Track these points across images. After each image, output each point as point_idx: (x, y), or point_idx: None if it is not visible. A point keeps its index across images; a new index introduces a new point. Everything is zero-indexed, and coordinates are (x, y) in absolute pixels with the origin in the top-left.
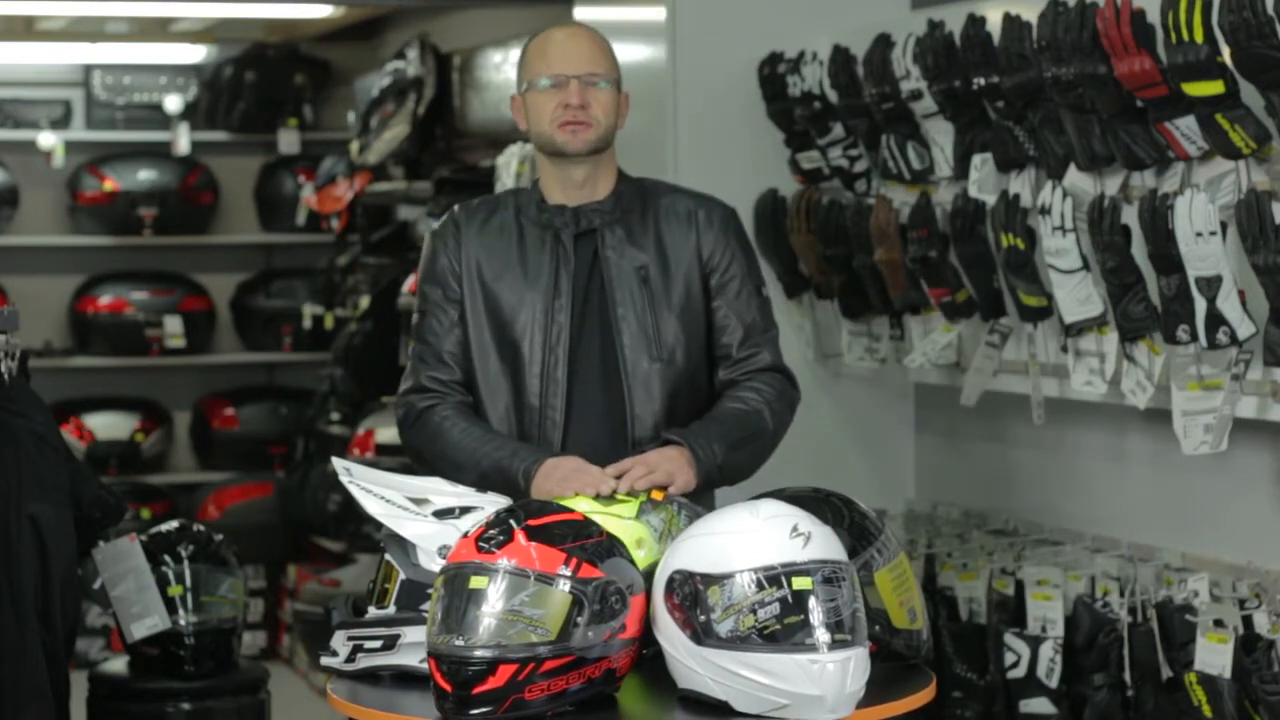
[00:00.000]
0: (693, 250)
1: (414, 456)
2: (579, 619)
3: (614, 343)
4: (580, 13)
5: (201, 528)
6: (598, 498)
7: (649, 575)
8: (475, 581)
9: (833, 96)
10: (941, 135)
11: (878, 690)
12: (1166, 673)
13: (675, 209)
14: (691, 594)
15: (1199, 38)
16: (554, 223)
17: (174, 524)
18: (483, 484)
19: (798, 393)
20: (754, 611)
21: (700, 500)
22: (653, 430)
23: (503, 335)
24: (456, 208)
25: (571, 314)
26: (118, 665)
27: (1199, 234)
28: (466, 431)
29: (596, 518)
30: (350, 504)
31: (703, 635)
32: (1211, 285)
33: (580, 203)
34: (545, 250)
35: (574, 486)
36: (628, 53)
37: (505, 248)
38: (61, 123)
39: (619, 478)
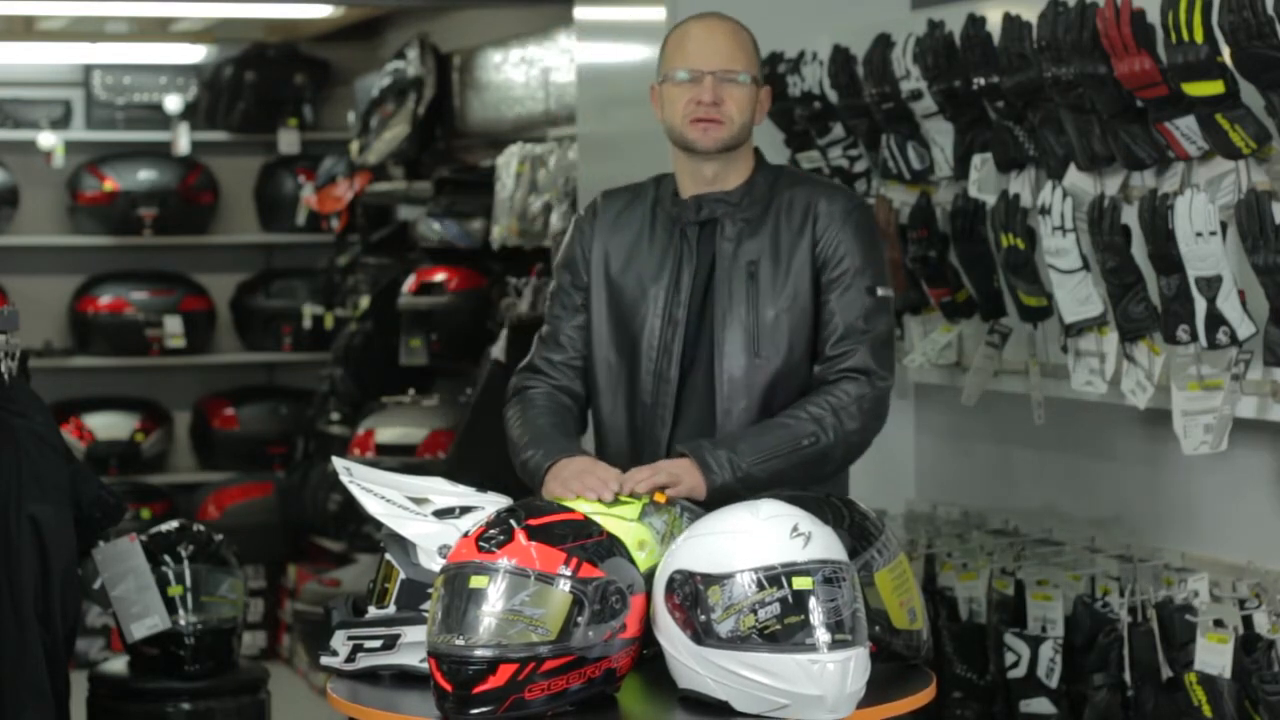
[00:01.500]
0: (807, 245)
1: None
2: (579, 619)
3: (715, 338)
4: (580, 12)
5: (201, 528)
6: (599, 499)
7: (650, 577)
8: (475, 581)
9: (833, 96)
10: (941, 135)
11: (878, 690)
12: (1166, 673)
13: (796, 201)
14: (692, 594)
15: (1199, 38)
16: (682, 216)
17: (174, 524)
18: (522, 474)
19: (884, 386)
20: (754, 611)
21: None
22: (746, 427)
23: (623, 328)
24: (601, 194)
25: (689, 312)
26: (118, 665)
27: (1199, 234)
28: (529, 422)
29: (599, 519)
30: (350, 504)
31: (703, 635)
32: (1211, 285)
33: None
34: (671, 245)
35: (575, 489)
36: (628, 53)
37: (635, 239)
38: (61, 123)
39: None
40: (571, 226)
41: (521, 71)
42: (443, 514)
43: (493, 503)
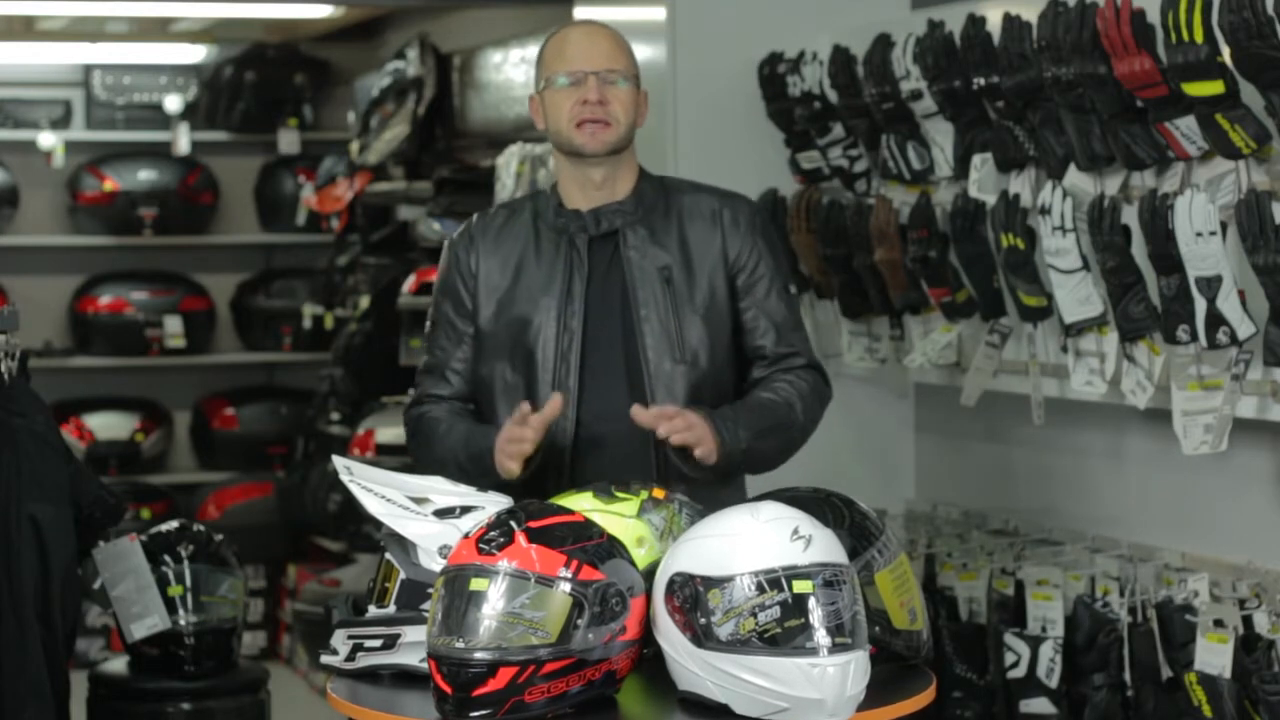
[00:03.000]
0: (718, 250)
1: (418, 466)
2: (579, 621)
3: (636, 344)
4: (580, 12)
5: (201, 528)
6: (597, 496)
7: (650, 574)
8: (476, 583)
9: (833, 96)
10: (941, 135)
11: (878, 692)
12: (1166, 673)
13: (699, 208)
14: (692, 596)
15: (1199, 38)
16: (569, 227)
17: (174, 524)
18: (461, 474)
19: (830, 389)
20: (754, 614)
21: (728, 491)
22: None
23: (516, 343)
24: (475, 216)
25: (586, 320)
26: (118, 665)
27: (1199, 234)
28: (448, 428)
29: (597, 516)
30: (350, 504)
31: (703, 638)
32: (1211, 285)
33: (600, 204)
34: (559, 256)
35: (509, 451)
36: None
37: (520, 255)
38: (61, 123)
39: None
40: (445, 252)
41: (521, 71)
42: (443, 514)
43: (493, 503)
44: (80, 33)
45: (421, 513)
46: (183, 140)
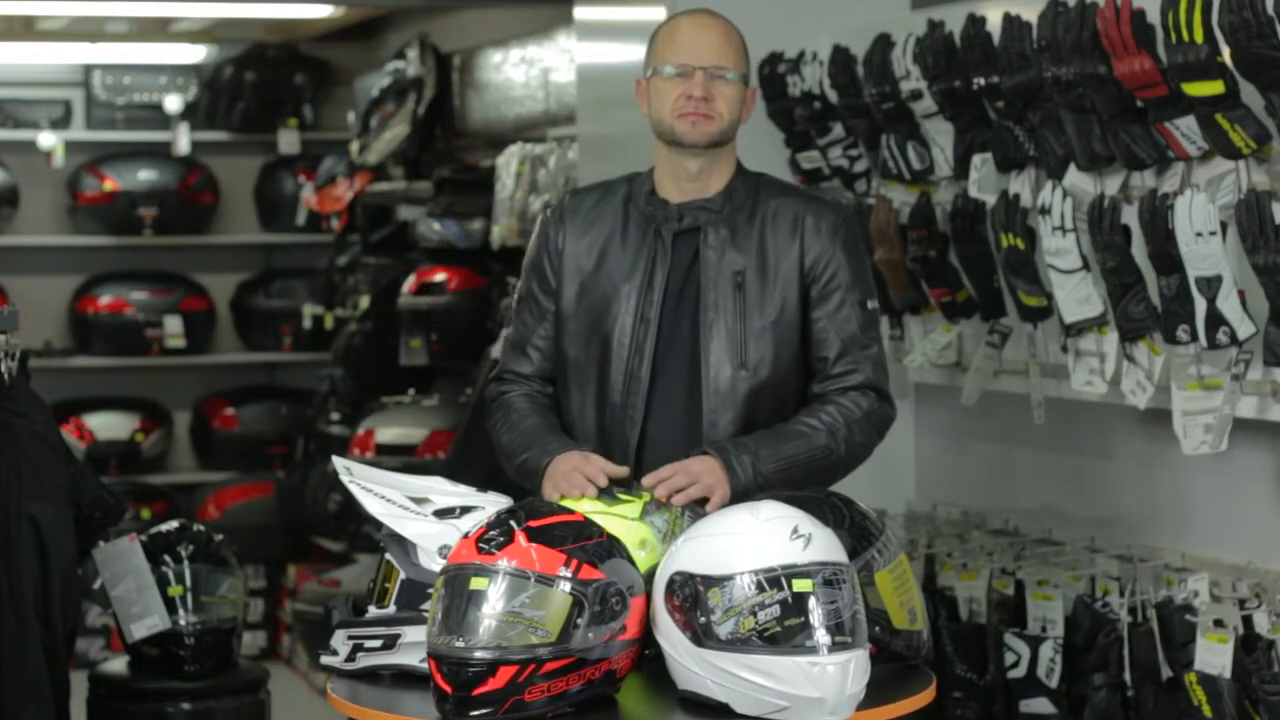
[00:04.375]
0: (795, 258)
1: (493, 443)
2: (579, 620)
3: (700, 346)
4: (580, 12)
5: (201, 528)
6: (601, 498)
7: (652, 577)
8: (475, 583)
9: (833, 96)
10: (941, 135)
11: (878, 691)
12: (1166, 673)
13: (783, 212)
14: (692, 595)
15: (1199, 38)
16: (657, 216)
17: (174, 524)
18: (521, 478)
19: (893, 410)
20: (754, 613)
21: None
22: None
23: (594, 325)
24: (570, 192)
25: (663, 313)
26: (118, 665)
27: (1199, 234)
28: (515, 426)
29: (600, 519)
30: (350, 504)
31: (703, 637)
32: (1211, 285)
33: (691, 196)
34: (645, 245)
35: (563, 489)
36: (627, 53)
37: (608, 236)
38: (61, 123)
39: (655, 485)
40: (538, 227)
41: (521, 71)
42: (443, 514)
43: (493, 503)
44: (80, 33)
45: (421, 513)
46: (183, 140)
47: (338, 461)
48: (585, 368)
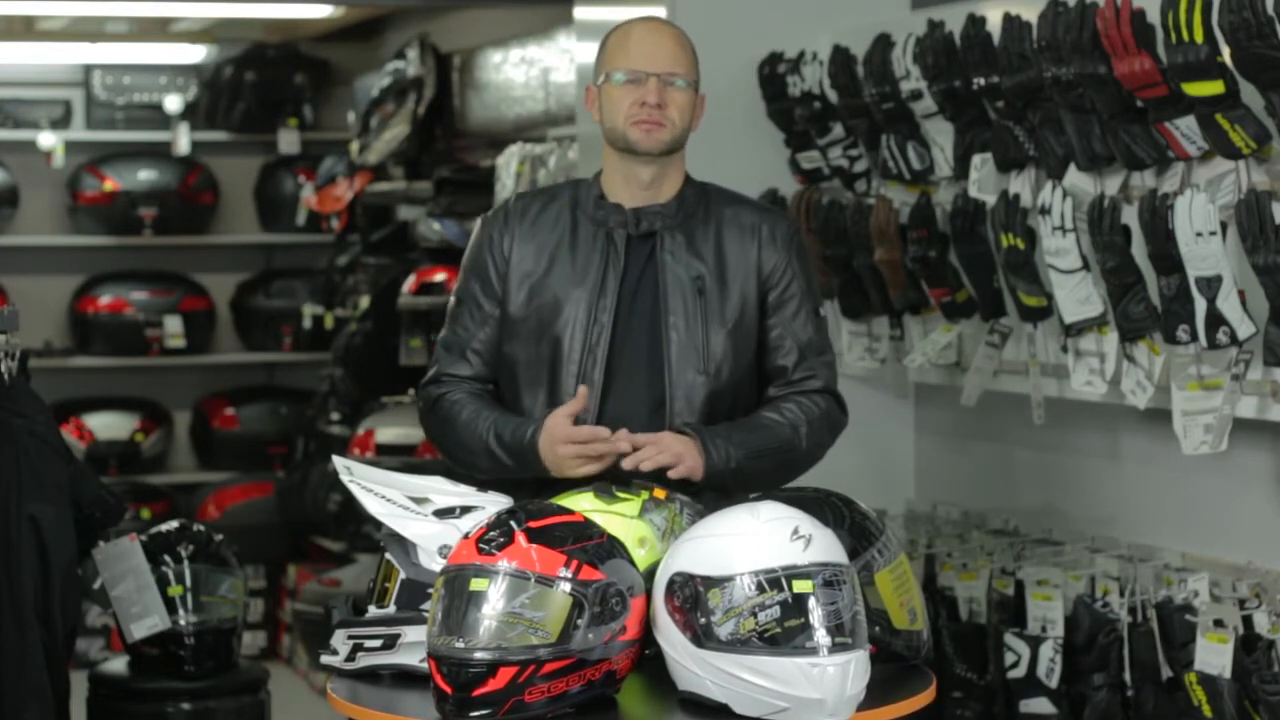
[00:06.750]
0: (752, 265)
1: (436, 447)
2: (579, 621)
3: (661, 350)
4: (580, 12)
5: (201, 528)
6: (599, 496)
7: (651, 574)
8: (475, 583)
9: (833, 96)
10: (941, 135)
11: (878, 692)
12: (1166, 673)
13: (739, 220)
14: (692, 596)
15: (1199, 38)
16: (609, 220)
17: (174, 524)
18: (494, 464)
19: (845, 417)
20: (754, 614)
21: (719, 505)
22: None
23: (545, 328)
24: (512, 197)
25: (616, 316)
26: (118, 665)
27: (1199, 234)
28: (474, 412)
29: (598, 517)
30: (350, 504)
31: (703, 638)
32: (1211, 285)
33: (643, 203)
34: (596, 248)
35: (570, 468)
36: None
37: (556, 241)
38: (61, 123)
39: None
40: (478, 229)
41: (521, 71)
42: (443, 514)
43: (493, 502)
44: (80, 33)
45: (421, 513)
46: (183, 140)
47: (338, 461)
48: (535, 369)
